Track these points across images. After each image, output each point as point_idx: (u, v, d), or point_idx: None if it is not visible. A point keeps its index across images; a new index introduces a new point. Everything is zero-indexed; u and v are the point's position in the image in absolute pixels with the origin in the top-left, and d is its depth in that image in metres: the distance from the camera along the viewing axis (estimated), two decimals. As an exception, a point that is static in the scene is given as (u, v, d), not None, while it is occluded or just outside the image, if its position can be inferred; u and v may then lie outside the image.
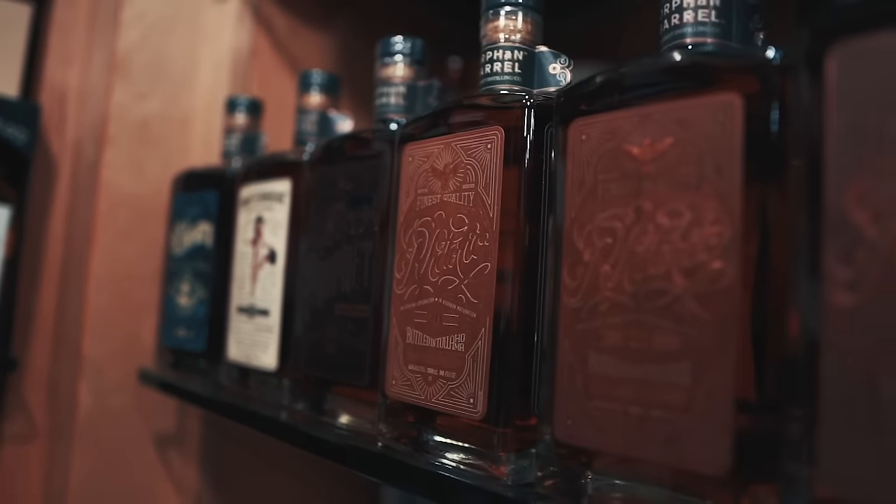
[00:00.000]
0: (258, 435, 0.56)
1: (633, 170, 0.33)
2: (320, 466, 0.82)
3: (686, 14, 0.36)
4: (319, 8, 0.87)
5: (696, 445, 0.30)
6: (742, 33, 0.36)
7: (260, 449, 0.80)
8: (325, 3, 0.88)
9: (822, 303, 0.25)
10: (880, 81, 0.25)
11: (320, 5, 0.87)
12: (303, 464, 0.82)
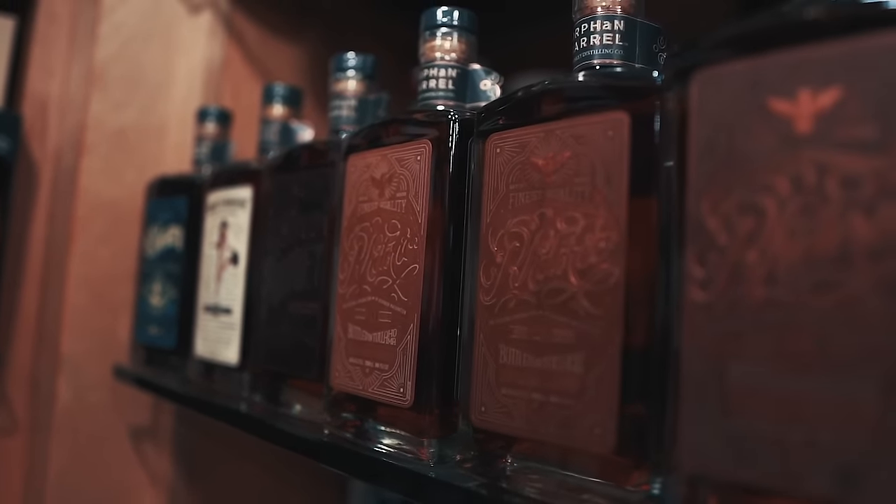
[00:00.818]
0: (228, 428, 0.59)
1: (539, 180, 0.37)
2: (291, 459, 0.85)
3: (594, 38, 0.39)
4: (289, 21, 0.90)
5: (586, 427, 0.33)
6: (646, 55, 0.40)
7: (231, 442, 0.83)
8: (295, 16, 0.91)
9: (681, 299, 0.29)
10: (729, 103, 0.28)
11: (290, 18, 0.91)
12: (274, 457, 0.85)
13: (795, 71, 0.26)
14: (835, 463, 0.24)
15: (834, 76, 0.25)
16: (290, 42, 0.91)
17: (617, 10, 0.39)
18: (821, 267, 0.25)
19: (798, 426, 0.25)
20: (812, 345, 0.25)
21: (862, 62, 0.25)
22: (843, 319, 0.24)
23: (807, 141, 0.26)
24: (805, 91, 0.26)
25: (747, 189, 0.27)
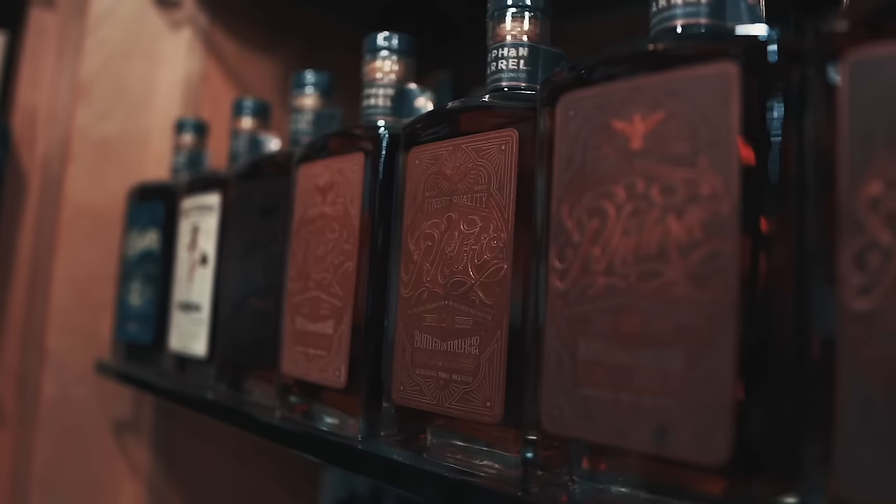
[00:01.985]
0: (205, 420, 0.64)
1: (447, 188, 0.42)
2: (265, 450, 0.90)
3: (501, 63, 0.45)
4: (266, 36, 0.96)
5: (480, 401, 0.38)
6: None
7: (208, 434, 0.88)
8: (272, 32, 0.97)
9: (546, 288, 0.34)
10: (583, 123, 0.34)
11: (267, 34, 0.96)
12: (249, 448, 0.91)
13: (631, 97, 0.32)
14: (653, 421, 0.29)
15: (659, 102, 0.31)
16: (266, 57, 0.96)
17: (523, 38, 0.44)
18: (646, 259, 0.30)
19: (627, 392, 0.30)
20: (639, 325, 0.30)
21: (678, 90, 0.30)
22: (661, 303, 0.30)
23: (638, 155, 0.31)
24: (637, 114, 0.31)
25: (594, 195, 0.33)
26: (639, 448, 0.30)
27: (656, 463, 0.29)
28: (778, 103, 0.28)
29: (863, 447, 0.24)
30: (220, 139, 0.87)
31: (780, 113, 0.28)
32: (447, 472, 0.38)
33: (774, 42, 0.28)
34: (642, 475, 0.30)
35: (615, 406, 0.31)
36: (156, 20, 0.91)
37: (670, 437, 0.29)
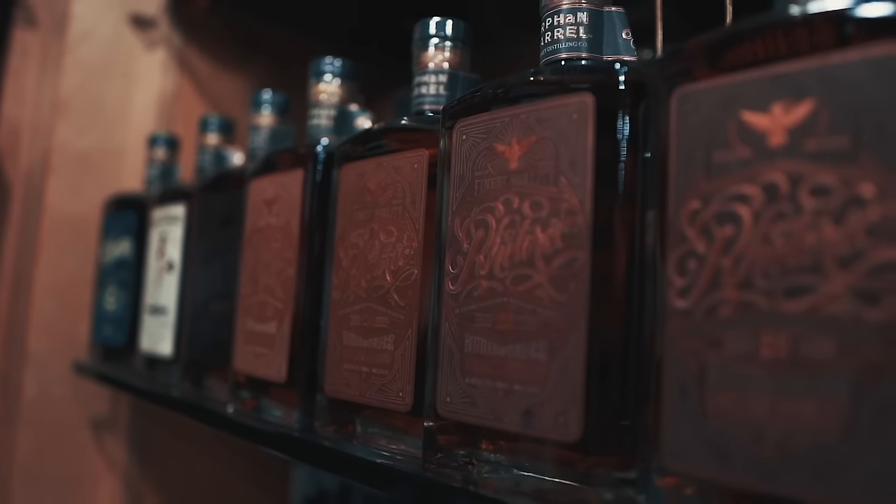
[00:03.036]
0: (180, 418, 0.68)
1: (371, 202, 0.47)
2: (237, 447, 0.95)
3: (429, 87, 0.49)
4: (238, 55, 1.01)
5: (394, 392, 0.43)
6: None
7: (182, 431, 0.93)
8: (244, 51, 1.02)
9: (441, 291, 0.39)
10: (472, 147, 0.38)
11: (239, 53, 1.01)
12: (221, 445, 0.95)
13: (510, 123, 0.36)
14: (522, 405, 0.34)
15: (531, 128, 0.35)
16: (238, 74, 1.01)
17: (444, 66, 0.49)
18: (518, 265, 0.35)
19: (501, 381, 0.35)
20: (512, 322, 0.35)
21: (546, 117, 0.35)
22: (529, 303, 0.34)
23: (514, 174, 0.36)
24: (514, 138, 0.36)
25: (480, 210, 0.37)
26: (510, 429, 0.34)
27: (525, 442, 0.34)
28: (626, 129, 0.33)
29: (681, 425, 0.29)
30: (192, 153, 0.92)
31: (628, 137, 0.33)
32: (368, 456, 0.43)
33: (623, 74, 0.33)
34: (513, 454, 0.34)
35: (493, 393, 0.35)
36: (132, 40, 0.95)
37: (535, 419, 0.33)
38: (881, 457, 0.23)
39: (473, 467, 0.37)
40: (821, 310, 0.25)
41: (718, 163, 0.29)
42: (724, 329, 0.28)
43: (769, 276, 0.26)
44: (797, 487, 0.25)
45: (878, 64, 0.25)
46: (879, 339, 0.24)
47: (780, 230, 0.26)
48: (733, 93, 0.28)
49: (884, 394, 0.23)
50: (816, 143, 0.26)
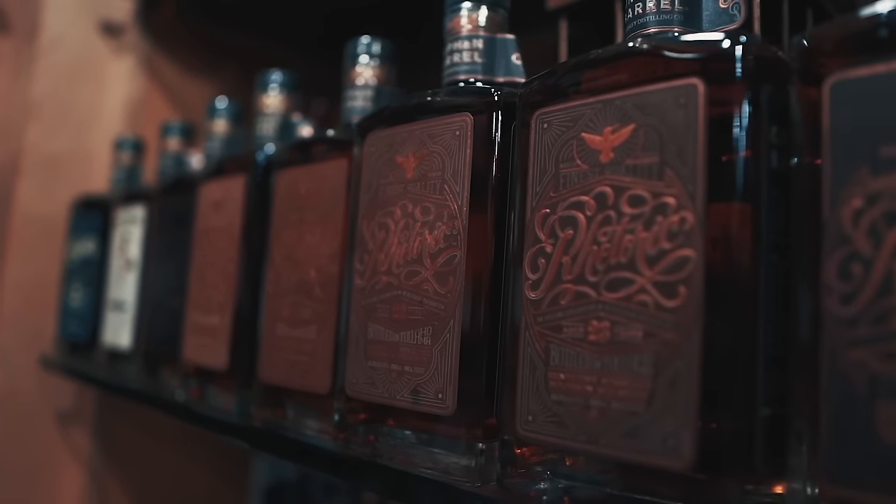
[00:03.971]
0: (141, 409, 0.73)
1: (301, 205, 0.51)
2: (199, 438, 0.99)
3: (358, 103, 0.54)
4: (207, 60, 1.05)
5: (316, 377, 0.48)
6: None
7: (145, 423, 0.97)
8: (212, 56, 1.06)
9: (351, 285, 0.44)
10: (377, 157, 0.43)
11: (208, 58, 1.06)
12: (183, 436, 0.99)
13: (408, 138, 0.41)
14: (411, 385, 0.39)
15: (424, 143, 0.40)
16: (206, 79, 1.06)
17: (372, 81, 0.54)
18: (411, 263, 0.40)
19: (395, 364, 0.40)
20: (404, 312, 0.40)
21: (436, 133, 0.40)
22: (418, 295, 0.39)
23: (410, 183, 0.41)
24: (411, 151, 0.41)
25: (382, 214, 0.42)
26: (402, 405, 0.39)
27: (414, 417, 0.39)
28: (498, 145, 0.38)
29: (531, 398, 0.34)
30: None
31: (499, 152, 0.37)
32: (294, 436, 0.48)
33: (497, 97, 0.38)
34: (406, 428, 0.39)
35: (388, 374, 0.40)
36: (101, 46, 1.00)
37: (422, 397, 0.38)
38: (672, 420, 0.28)
39: (378, 441, 0.41)
40: (633, 299, 0.30)
41: (564, 174, 0.34)
42: (563, 316, 0.33)
43: (597, 272, 0.32)
44: (617, 448, 0.30)
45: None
46: (672, 322, 0.29)
47: (604, 233, 0.31)
48: (576, 115, 0.33)
49: (674, 369, 0.29)
50: (633, 161, 0.31)
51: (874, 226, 0.26)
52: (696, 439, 0.28)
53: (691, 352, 0.28)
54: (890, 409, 0.25)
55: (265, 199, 0.56)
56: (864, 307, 0.26)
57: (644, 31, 0.35)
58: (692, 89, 0.30)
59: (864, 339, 0.26)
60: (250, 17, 1.03)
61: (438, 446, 0.38)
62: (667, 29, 0.35)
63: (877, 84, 0.27)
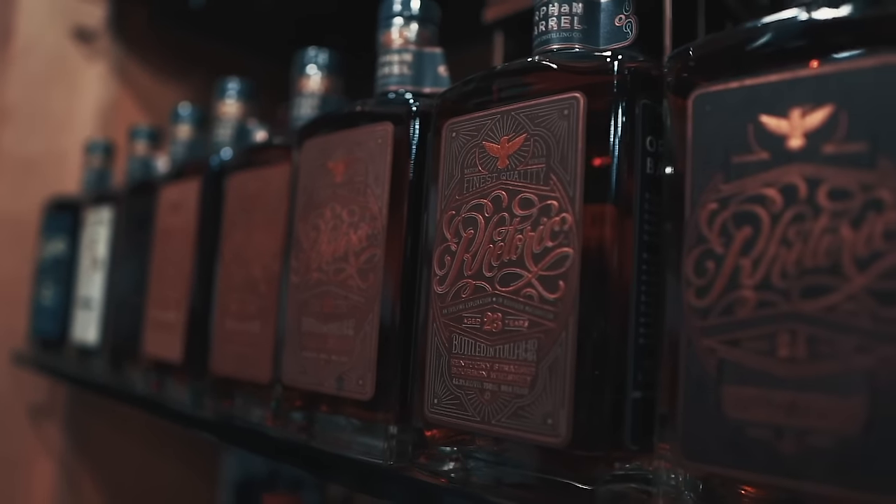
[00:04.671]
0: (111, 403, 0.75)
1: (249, 207, 0.54)
2: (168, 432, 1.02)
3: (304, 110, 0.57)
4: (176, 67, 1.08)
5: (260, 366, 0.51)
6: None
7: (118, 418, 0.99)
8: (182, 62, 1.09)
9: (287, 282, 0.47)
10: (312, 162, 0.46)
11: (179, 63, 1.08)
12: (152, 431, 1.02)
13: (338, 145, 0.44)
14: (336, 372, 0.42)
15: (351, 150, 0.43)
16: (178, 84, 1.08)
17: (319, 90, 0.57)
18: (338, 260, 0.43)
19: (324, 353, 0.43)
20: (332, 306, 0.43)
21: (361, 141, 0.43)
22: (343, 290, 0.42)
23: (339, 186, 0.44)
24: (339, 157, 0.44)
25: (315, 215, 0.45)
26: (328, 392, 0.42)
27: (339, 403, 0.42)
28: (414, 152, 0.41)
29: (437, 384, 0.37)
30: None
31: (415, 159, 0.41)
32: (235, 422, 0.51)
33: (415, 107, 0.41)
34: (334, 413, 0.42)
35: (317, 363, 0.43)
36: (74, 52, 1.02)
37: (345, 384, 0.41)
38: (552, 401, 0.32)
39: (312, 427, 0.44)
40: (521, 292, 0.33)
41: (468, 179, 0.37)
42: (464, 308, 0.36)
43: (493, 268, 0.35)
44: (506, 427, 0.33)
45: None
46: (552, 312, 0.32)
47: (499, 233, 0.35)
48: (479, 125, 0.37)
49: (553, 356, 0.32)
50: (525, 167, 0.34)
51: (725, 226, 0.29)
52: (572, 419, 0.31)
53: (568, 340, 0.31)
54: (734, 390, 0.28)
55: (218, 201, 0.59)
56: (715, 300, 0.29)
57: (547, 47, 0.38)
58: (575, 101, 0.33)
59: (713, 328, 0.29)
60: (220, 24, 1.06)
61: (361, 429, 0.41)
62: (568, 45, 0.38)
63: (729, 98, 0.30)
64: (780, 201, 0.28)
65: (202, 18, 1.05)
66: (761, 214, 0.28)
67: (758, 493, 0.28)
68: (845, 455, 0.25)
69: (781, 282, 0.27)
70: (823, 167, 0.27)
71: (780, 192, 0.28)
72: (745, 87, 0.29)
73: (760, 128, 0.29)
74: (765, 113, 0.29)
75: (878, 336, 0.25)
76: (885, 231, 0.25)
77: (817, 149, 0.27)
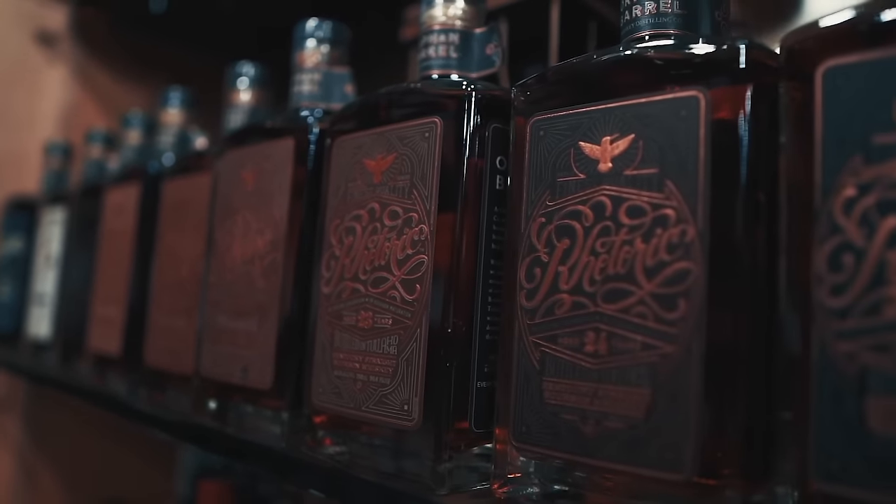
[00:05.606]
0: (70, 398, 0.78)
1: (183, 211, 0.58)
2: (125, 427, 1.05)
3: (235, 118, 0.61)
4: (138, 70, 1.12)
5: (186, 360, 0.55)
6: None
7: (72, 410, 1.03)
8: (144, 66, 1.12)
9: (206, 281, 0.51)
10: (230, 172, 0.50)
11: (139, 68, 1.12)
12: (110, 424, 1.05)
13: (249, 158, 0.49)
14: (241, 364, 0.46)
15: (259, 163, 0.48)
16: (139, 87, 1.12)
17: (247, 103, 0.61)
18: (246, 262, 0.47)
19: (233, 347, 0.47)
20: (240, 304, 0.47)
21: (270, 154, 0.47)
22: (249, 289, 0.46)
23: (250, 194, 0.48)
24: (251, 168, 0.48)
25: (230, 222, 0.49)
26: (235, 382, 0.46)
27: (244, 392, 0.46)
28: (311, 162, 0.45)
29: (321, 375, 0.41)
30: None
31: (315, 171, 0.45)
32: (165, 415, 0.55)
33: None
34: (242, 402, 0.46)
35: (227, 356, 0.47)
36: (36, 55, 1.06)
37: (249, 374, 0.46)
38: (406, 390, 0.36)
39: (227, 416, 0.49)
40: (388, 293, 0.38)
41: (350, 192, 0.41)
42: (343, 307, 0.40)
43: (366, 272, 0.39)
44: (374, 413, 0.38)
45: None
46: (410, 311, 0.36)
47: (373, 241, 0.39)
48: (360, 143, 0.41)
49: (410, 350, 0.36)
50: (393, 182, 0.38)
51: (550, 238, 0.34)
52: (423, 402, 0.35)
53: (421, 334, 0.36)
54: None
55: (155, 205, 0.63)
56: (540, 301, 0.33)
57: (427, 72, 0.42)
58: (434, 125, 0.37)
59: (538, 326, 0.34)
60: (181, 28, 1.09)
61: (264, 417, 0.45)
62: (446, 71, 0.42)
63: (558, 124, 0.34)
64: (592, 216, 0.32)
65: (163, 23, 1.08)
66: (577, 228, 0.33)
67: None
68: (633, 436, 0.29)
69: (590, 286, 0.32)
70: (624, 188, 0.31)
71: (592, 208, 0.32)
72: (571, 114, 0.34)
73: (579, 152, 0.33)
74: (583, 140, 0.33)
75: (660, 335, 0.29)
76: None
77: (621, 172, 0.32)
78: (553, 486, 0.33)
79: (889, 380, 0.24)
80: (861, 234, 0.25)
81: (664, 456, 0.28)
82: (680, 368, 0.28)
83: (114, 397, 0.62)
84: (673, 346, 0.28)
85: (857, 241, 0.25)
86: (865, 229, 0.25)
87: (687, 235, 0.29)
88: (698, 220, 0.28)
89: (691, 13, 0.34)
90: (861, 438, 0.24)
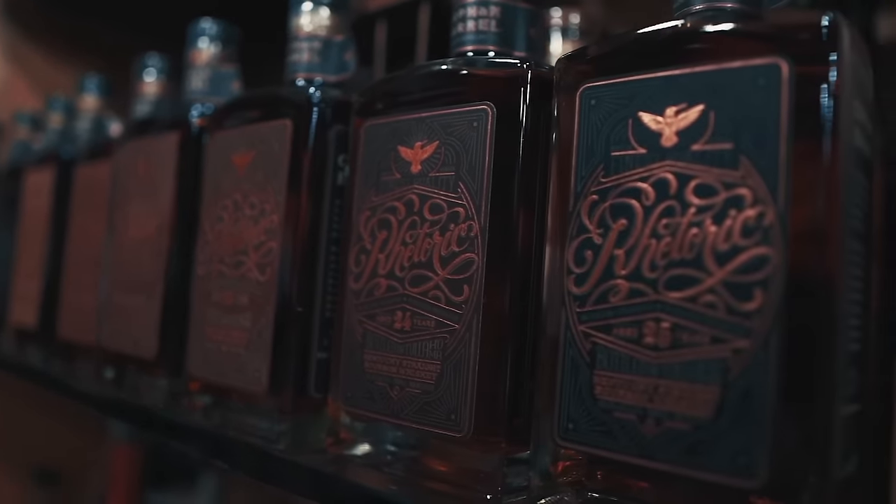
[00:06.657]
0: (32, 388, 0.79)
1: (90, 197, 0.63)
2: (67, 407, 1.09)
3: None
4: (71, 50, 1.14)
5: (144, 346, 0.60)
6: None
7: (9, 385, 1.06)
8: (78, 47, 1.14)
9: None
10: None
11: (72, 48, 1.14)
12: (39, 395, 1.09)
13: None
14: (133, 335, 0.51)
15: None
16: (71, 67, 1.13)
17: (156, 95, 0.65)
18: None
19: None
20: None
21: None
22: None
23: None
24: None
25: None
26: (129, 353, 0.51)
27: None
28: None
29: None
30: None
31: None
32: (73, 384, 0.59)
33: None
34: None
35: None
36: (-35, 35, 1.08)
37: (140, 345, 0.51)
38: (259, 359, 0.41)
39: (122, 381, 0.54)
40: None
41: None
42: (212, 287, 0.45)
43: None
44: (233, 380, 0.43)
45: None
46: (263, 293, 0.42)
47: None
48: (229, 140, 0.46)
49: (262, 324, 0.42)
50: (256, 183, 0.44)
51: (373, 230, 0.39)
52: (269, 373, 0.41)
53: (269, 311, 0.41)
54: (371, 354, 0.37)
55: (68, 188, 0.67)
56: (364, 285, 0.39)
57: (294, 76, 0.47)
58: (283, 127, 0.42)
59: (361, 304, 0.39)
60: (114, 9, 1.11)
61: (151, 384, 0.50)
62: (310, 75, 0.46)
63: (379, 130, 0.39)
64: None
65: (95, 4, 1.10)
66: (392, 221, 0.38)
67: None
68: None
69: (400, 273, 0.37)
70: (430, 188, 0.37)
71: (404, 205, 0.38)
72: (390, 122, 0.39)
73: (397, 155, 0.38)
74: (400, 144, 0.38)
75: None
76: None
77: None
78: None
79: (611, 355, 0.29)
80: (598, 234, 0.31)
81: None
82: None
83: (30, 368, 0.66)
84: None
85: (595, 239, 0.31)
86: (602, 229, 0.31)
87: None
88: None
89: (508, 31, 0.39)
90: (590, 404, 0.30)
